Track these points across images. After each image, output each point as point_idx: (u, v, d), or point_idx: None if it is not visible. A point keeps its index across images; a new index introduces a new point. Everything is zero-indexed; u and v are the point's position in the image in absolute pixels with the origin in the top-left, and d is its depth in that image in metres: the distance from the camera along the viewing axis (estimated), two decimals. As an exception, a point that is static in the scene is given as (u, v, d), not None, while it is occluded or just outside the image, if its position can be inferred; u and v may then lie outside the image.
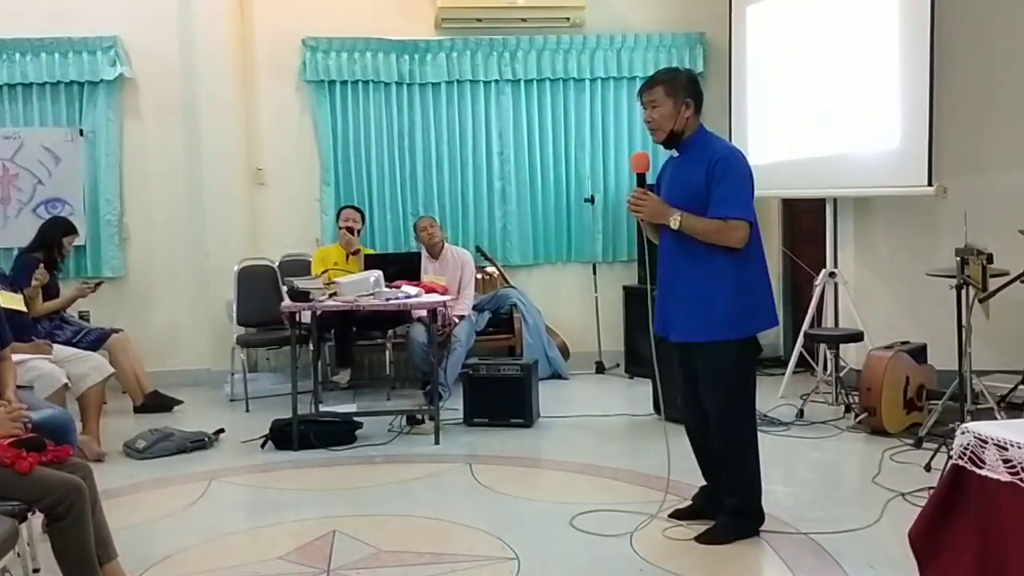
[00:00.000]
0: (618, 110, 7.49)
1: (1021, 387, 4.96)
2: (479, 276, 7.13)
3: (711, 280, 3.57)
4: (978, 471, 2.18)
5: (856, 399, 5.47)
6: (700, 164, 3.57)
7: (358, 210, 6.81)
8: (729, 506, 3.70)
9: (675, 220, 3.55)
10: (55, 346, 5.33)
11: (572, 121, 7.48)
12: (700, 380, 3.69)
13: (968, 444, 2.21)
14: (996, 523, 2.17)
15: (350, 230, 6.63)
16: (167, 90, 7.08)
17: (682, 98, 3.61)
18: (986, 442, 2.17)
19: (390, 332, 6.69)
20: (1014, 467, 2.10)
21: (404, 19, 7.28)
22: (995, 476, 2.13)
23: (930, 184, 5.36)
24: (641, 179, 3.74)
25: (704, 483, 3.92)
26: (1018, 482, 2.09)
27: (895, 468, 4.55)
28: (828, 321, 6.35)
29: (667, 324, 3.72)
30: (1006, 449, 2.13)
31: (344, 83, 7.24)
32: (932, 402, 5.18)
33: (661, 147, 3.77)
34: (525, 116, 7.44)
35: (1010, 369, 5.22)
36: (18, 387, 3.80)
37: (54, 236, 6.00)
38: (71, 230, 6.12)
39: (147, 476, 4.82)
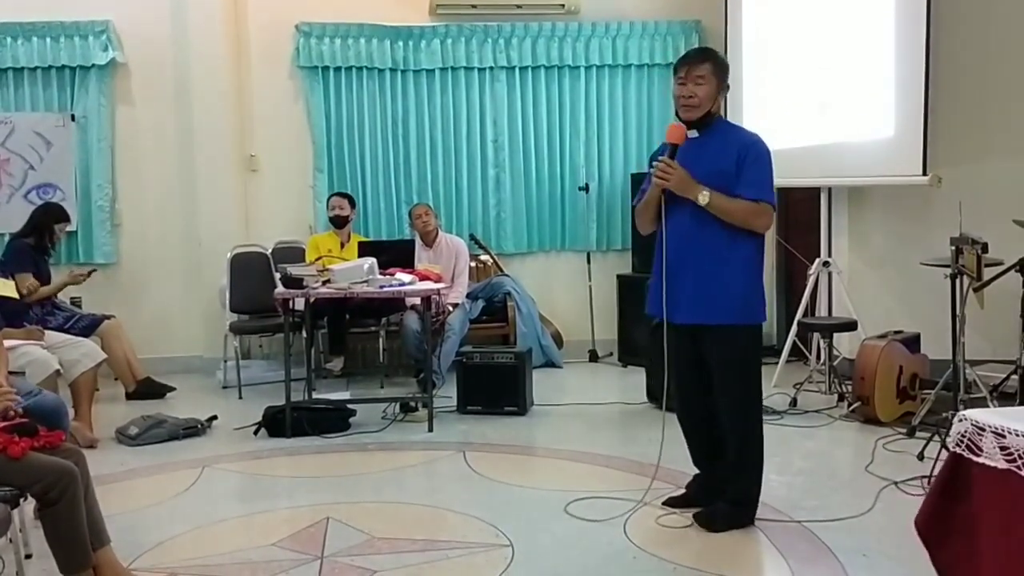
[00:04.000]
0: (613, 98, 7.46)
1: (1014, 377, 4.96)
2: (473, 264, 7.11)
3: (724, 265, 3.55)
4: (975, 458, 2.18)
5: (849, 388, 5.47)
6: (728, 147, 3.55)
7: (346, 196, 6.80)
8: (730, 493, 3.69)
9: (704, 196, 3.50)
10: (47, 332, 5.31)
11: (567, 109, 7.46)
12: (713, 366, 3.65)
13: (966, 431, 2.20)
14: (995, 510, 2.17)
15: (342, 219, 6.63)
16: (159, 75, 7.04)
17: (724, 79, 3.63)
18: (984, 429, 2.17)
19: (384, 320, 6.67)
20: (1011, 454, 2.10)
21: (398, 5, 7.24)
22: (992, 464, 2.14)
23: (925, 173, 5.35)
24: (674, 151, 3.62)
25: (697, 471, 3.92)
26: (1015, 469, 2.09)
27: (888, 457, 4.56)
28: (822, 310, 6.36)
29: (675, 306, 3.63)
30: (1003, 436, 2.12)
31: (338, 69, 7.20)
32: (925, 391, 5.19)
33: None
34: (520, 103, 7.41)
35: (1003, 359, 5.22)
36: (10, 373, 3.78)
37: (46, 222, 5.96)
38: (63, 217, 6.08)
39: (139, 463, 4.81)
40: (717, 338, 3.61)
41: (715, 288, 3.57)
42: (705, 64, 3.59)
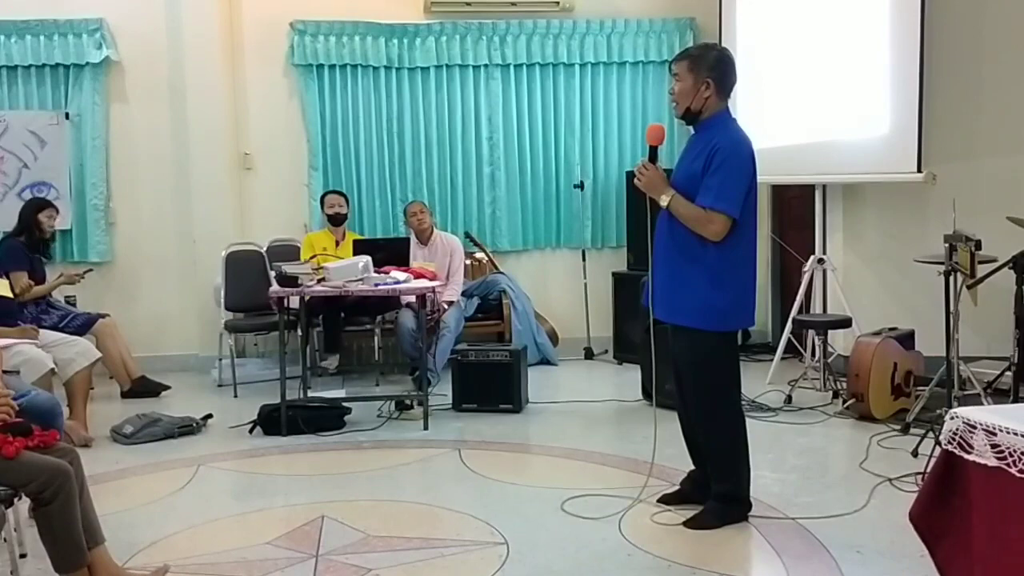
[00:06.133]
0: (608, 95, 7.46)
1: (1007, 373, 4.98)
2: (468, 262, 7.12)
3: (688, 267, 3.57)
4: (966, 456, 2.19)
5: (844, 385, 5.49)
6: (705, 149, 3.54)
7: (342, 194, 6.81)
8: (716, 492, 3.71)
9: (665, 198, 3.56)
10: (41, 331, 5.30)
11: (562, 106, 7.46)
12: (679, 364, 3.73)
13: (957, 429, 2.21)
14: (987, 507, 2.17)
15: (341, 216, 6.64)
16: (154, 73, 7.02)
17: (703, 77, 3.56)
18: (975, 427, 2.18)
19: (379, 318, 6.67)
20: (1002, 452, 2.11)
21: (393, 3, 7.24)
22: (983, 461, 2.14)
23: (919, 170, 5.37)
24: (653, 152, 3.67)
25: (693, 468, 3.93)
26: (1006, 467, 2.10)
27: (882, 454, 4.57)
28: (816, 307, 6.37)
29: (656, 302, 3.74)
30: (994, 434, 2.13)
31: (332, 67, 7.19)
32: (919, 388, 5.21)
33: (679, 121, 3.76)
34: (515, 101, 7.40)
35: (997, 355, 5.24)
36: (4, 372, 3.78)
37: (29, 215, 5.92)
38: (44, 204, 6.00)
39: (134, 461, 4.80)
40: (679, 338, 3.67)
41: (677, 288, 3.61)
42: (682, 61, 3.63)
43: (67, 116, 6.93)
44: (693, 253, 3.55)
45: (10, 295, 5.23)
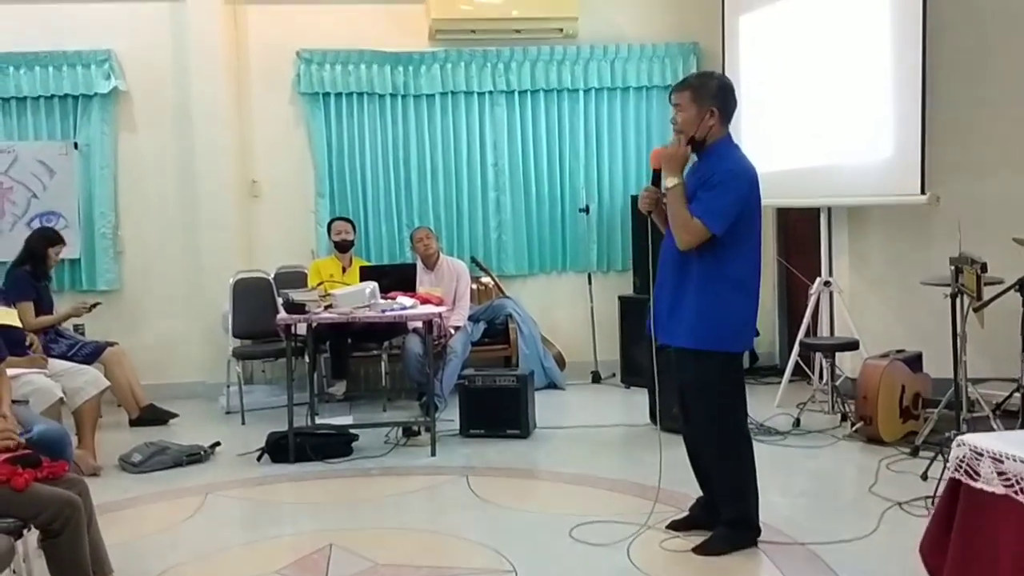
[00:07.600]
0: (612, 120, 7.50)
1: (1016, 395, 4.96)
2: (474, 287, 7.13)
3: (689, 288, 3.59)
4: (973, 483, 2.18)
5: (852, 408, 5.47)
6: (706, 175, 3.58)
7: (348, 221, 6.84)
8: (725, 517, 3.70)
9: (672, 180, 3.58)
10: (50, 360, 5.32)
11: (566, 131, 7.49)
12: (683, 387, 3.74)
13: (964, 456, 2.21)
14: (993, 535, 2.17)
15: (348, 243, 6.68)
16: (161, 103, 7.09)
17: (708, 106, 3.59)
18: (981, 454, 2.18)
19: (386, 344, 6.68)
20: (1009, 480, 2.10)
21: (398, 31, 7.29)
22: (990, 489, 2.14)
23: (923, 192, 5.38)
24: (657, 175, 3.70)
25: (701, 494, 3.92)
26: (1012, 495, 2.09)
27: (892, 477, 4.56)
28: (823, 330, 6.36)
29: (658, 324, 3.74)
30: (1001, 462, 2.13)
31: (339, 95, 7.25)
32: (928, 410, 5.19)
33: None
34: (519, 127, 7.45)
35: (1005, 377, 5.22)
36: (13, 401, 3.80)
37: (39, 247, 5.96)
38: (55, 240, 6.04)
39: (143, 490, 4.80)
40: (683, 360, 3.68)
41: (679, 310, 3.62)
42: (683, 92, 3.65)
43: (76, 146, 6.99)
44: (694, 276, 3.57)
45: (18, 324, 5.25)
